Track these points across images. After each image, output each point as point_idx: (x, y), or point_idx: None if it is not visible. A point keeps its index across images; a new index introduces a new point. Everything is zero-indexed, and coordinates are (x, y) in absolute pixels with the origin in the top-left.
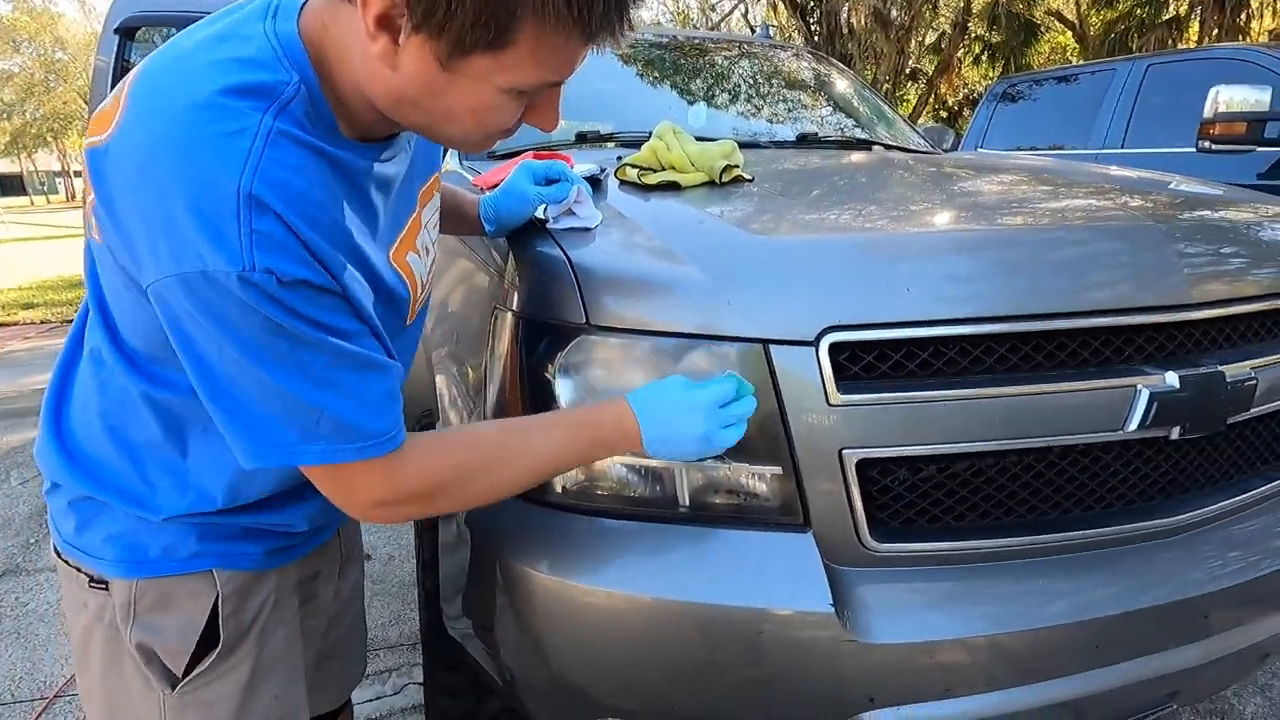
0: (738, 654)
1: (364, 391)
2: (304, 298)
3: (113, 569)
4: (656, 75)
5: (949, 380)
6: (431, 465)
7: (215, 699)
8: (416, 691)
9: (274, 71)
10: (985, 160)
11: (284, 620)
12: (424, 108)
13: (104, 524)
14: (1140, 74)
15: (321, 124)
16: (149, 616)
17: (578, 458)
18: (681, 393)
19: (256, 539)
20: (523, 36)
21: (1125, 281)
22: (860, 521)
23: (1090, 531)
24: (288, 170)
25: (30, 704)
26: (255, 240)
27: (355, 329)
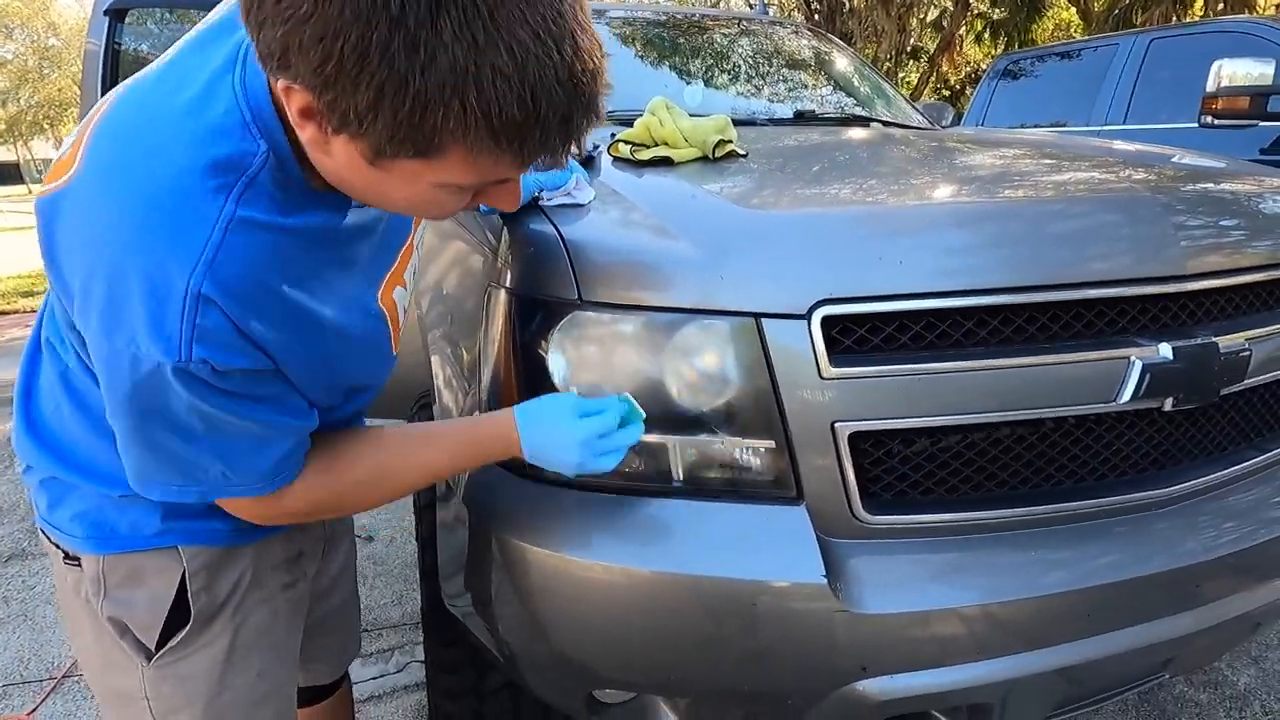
0: (733, 625)
1: (263, 449)
2: (232, 380)
3: (82, 545)
4: (653, 52)
5: (942, 353)
6: (311, 494)
7: (191, 673)
8: (419, 669)
9: (240, 141)
10: (982, 135)
11: (266, 599)
12: (362, 193)
13: (72, 502)
14: (1143, 49)
15: (292, 187)
16: (119, 591)
17: (463, 467)
18: (564, 418)
19: (222, 515)
20: (450, 152)
21: (1120, 253)
22: (853, 494)
23: (1083, 503)
24: (242, 263)
25: (39, 684)
26: (196, 334)
27: (277, 392)
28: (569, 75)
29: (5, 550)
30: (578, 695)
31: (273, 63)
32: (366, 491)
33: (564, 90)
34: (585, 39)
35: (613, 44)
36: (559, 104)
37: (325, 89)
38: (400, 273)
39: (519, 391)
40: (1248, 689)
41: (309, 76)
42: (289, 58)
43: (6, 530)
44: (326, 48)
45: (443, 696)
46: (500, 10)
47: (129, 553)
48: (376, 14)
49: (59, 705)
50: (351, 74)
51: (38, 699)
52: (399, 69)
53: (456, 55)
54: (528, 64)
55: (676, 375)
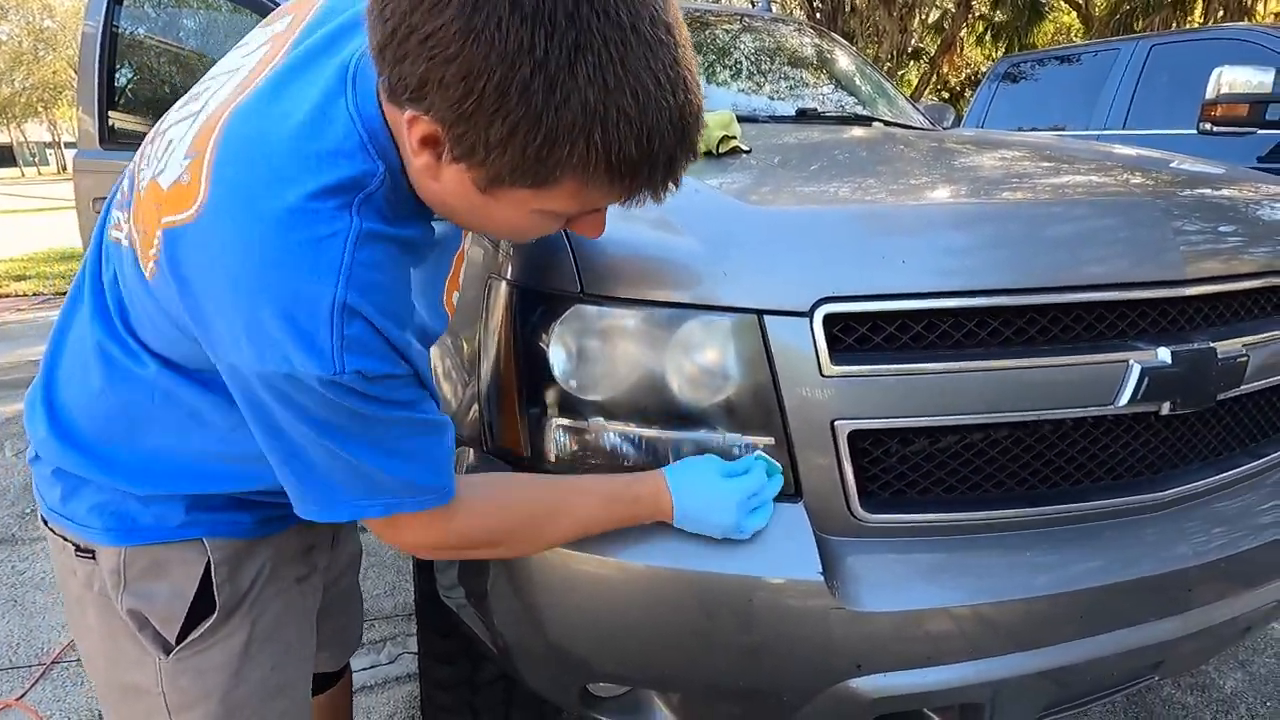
0: (728, 621)
1: (428, 454)
2: (385, 387)
3: (100, 537)
4: None
5: (943, 353)
6: (482, 521)
7: (209, 666)
8: (411, 661)
9: (360, 162)
10: (984, 137)
11: (281, 592)
12: (463, 217)
13: (89, 494)
14: (1144, 54)
15: (403, 205)
16: (140, 584)
17: (610, 525)
18: (716, 480)
19: (248, 508)
20: (564, 184)
21: (1120, 257)
22: (851, 492)
23: (1078, 505)
24: (375, 271)
25: (28, 669)
26: (346, 345)
27: (419, 397)
28: (680, 117)
29: None
30: (572, 689)
31: (406, 94)
32: (531, 530)
33: (675, 131)
34: (693, 82)
35: None
36: (669, 145)
37: (458, 123)
38: (456, 277)
39: (519, 385)
40: (1234, 692)
41: (444, 110)
42: (425, 91)
43: None
44: (469, 85)
45: (436, 688)
46: (630, 56)
47: (151, 545)
48: (522, 56)
49: (48, 690)
50: (490, 110)
51: (27, 684)
52: (535, 107)
53: (589, 97)
54: (648, 107)
55: (678, 370)
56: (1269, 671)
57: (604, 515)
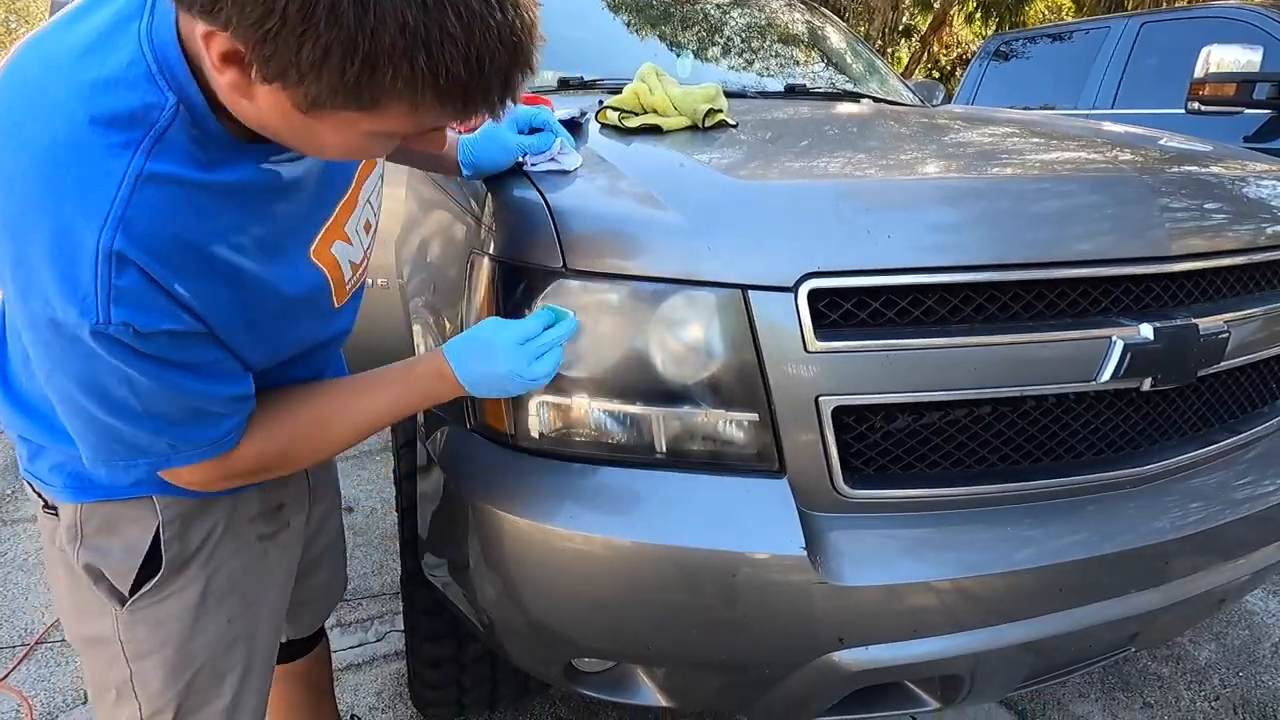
0: (713, 596)
1: (202, 417)
2: (160, 345)
3: (60, 494)
4: (643, 22)
5: (927, 329)
6: (256, 452)
7: (165, 617)
8: (398, 639)
9: (146, 92)
10: (973, 113)
11: (241, 549)
12: (287, 138)
13: (49, 454)
14: (1134, 32)
15: (211, 141)
16: (95, 539)
17: (407, 410)
18: (487, 334)
19: None
20: (392, 107)
21: (1106, 233)
22: (835, 468)
23: (1058, 480)
24: (156, 217)
25: (12, 650)
26: (114, 296)
27: (211, 358)
28: (511, 34)
29: None
30: (556, 664)
31: (195, 6)
32: (310, 444)
33: (506, 49)
34: None
35: (601, 11)
36: (501, 63)
37: (264, 43)
38: (339, 226)
39: None
40: (1208, 663)
41: (245, 29)
42: (219, 5)
43: None
44: (268, 3)
45: (423, 665)
46: None
47: (105, 501)
48: None
49: (33, 670)
50: (297, 32)
51: (10, 665)
52: (348, 29)
53: (407, 17)
54: (474, 25)
55: (661, 346)
56: (1242, 643)
57: (390, 405)
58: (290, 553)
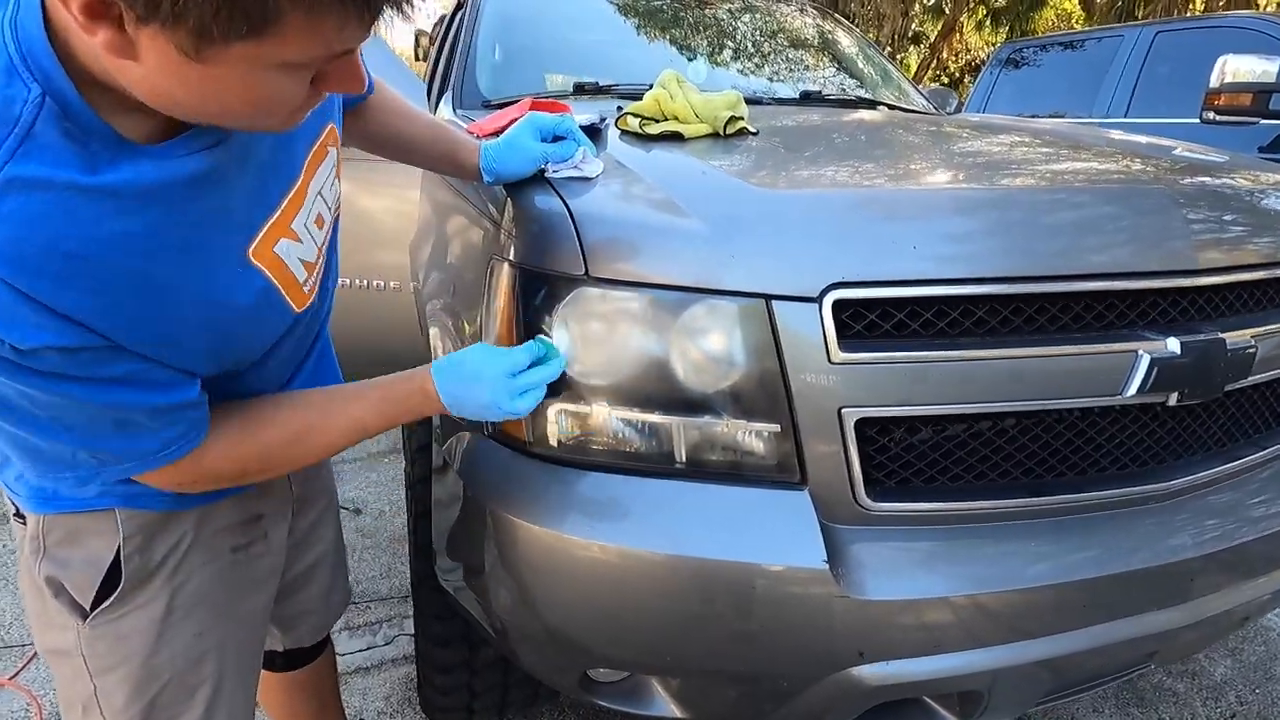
0: (731, 607)
1: (130, 428)
2: (51, 361)
3: (25, 504)
4: (657, 27)
5: (952, 341)
6: (233, 455)
7: (128, 632)
8: (407, 643)
9: (6, 86)
10: (993, 122)
11: (209, 561)
12: (187, 103)
13: (15, 464)
14: (1148, 41)
15: (92, 139)
16: (57, 551)
17: (386, 424)
18: (475, 362)
19: None
20: (286, 21)
21: (1132, 245)
22: (857, 480)
23: (1083, 495)
24: (22, 226)
25: (21, 649)
26: None
27: (132, 370)
28: None
29: None
30: (571, 673)
31: None
32: (292, 450)
33: None
34: None
35: (615, 16)
36: None
37: None
38: (285, 223)
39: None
40: (1224, 679)
41: None
42: None
43: None
44: None
45: (434, 670)
46: None
47: (68, 513)
48: None
49: (42, 670)
50: None
51: (19, 664)
52: None
53: None
54: None
55: (682, 355)
56: (1258, 659)
57: (377, 416)
58: (268, 563)
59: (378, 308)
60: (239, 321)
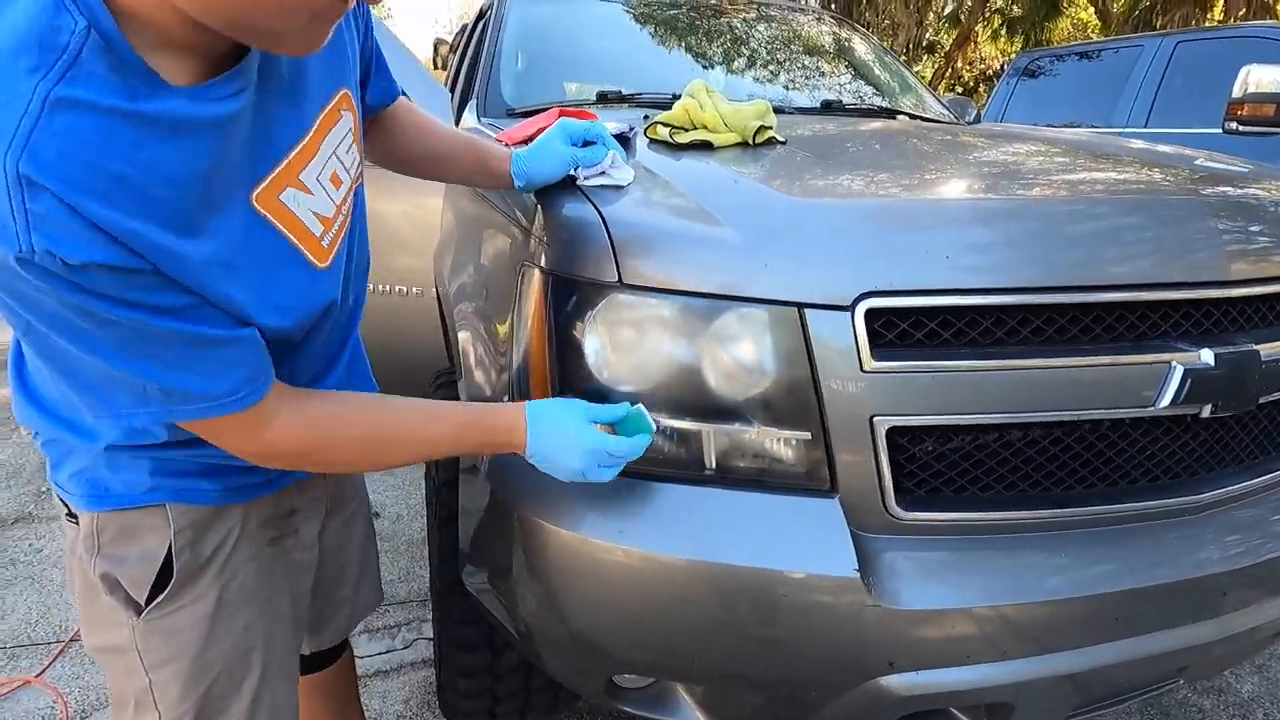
0: (761, 615)
1: (195, 361)
2: (100, 280)
3: (79, 502)
4: (679, 37)
5: (984, 350)
6: (297, 434)
7: (180, 627)
8: (426, 646)
9: (55, 17)
10: (1018, 131)
11: (254, 556)
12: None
13: (71, 462)
14: (1168, 51)
15: (129, 72)
16: (112, 548)
17: (462, 450)
18: (575, 426)
19: (213, 476)
20: None
21: (1165, 256)
22: (887, 489)
23: (1115, 507)
24: (70, 142)
25: (46, 646)
26: (31, 223)
27: (182, 303)
28: None
29: (10, 513)
30: (596, 678)
31: None
32: (358, 449)
33: None
34: None
35: (638, 26)
36: None
37: None
38: (293, 173)
39: (551, 371)
40: (1251, 696)
41: None
42: None
43: (12, 493)
44: None
45: (456, 674)
46: None
47: (121, 510)
48: None
49: (66, 668)
50: None
51: (45, 661)
52: None
53: None
54: None
55: (714, 362)
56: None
57: (453, 441)
58: (300, 558)
59: (399, 313)
60: (264, 269)
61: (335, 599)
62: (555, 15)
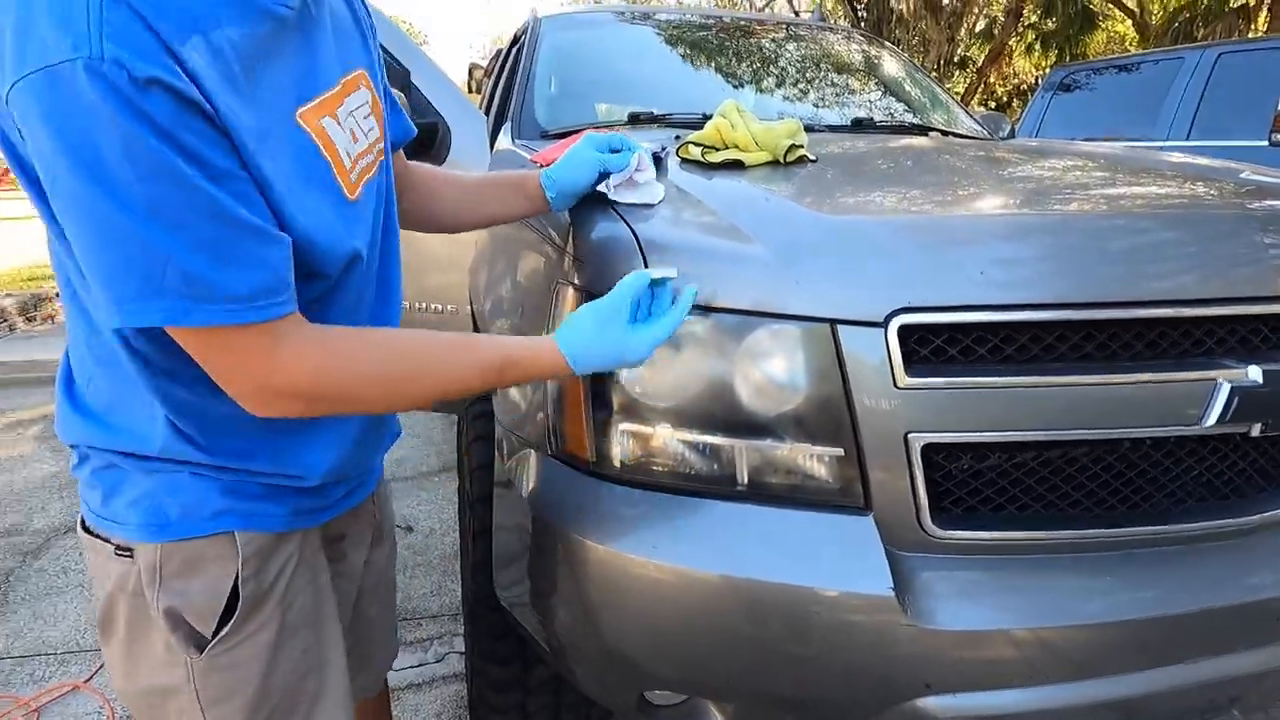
0: (794, 633)
1: (225, 245)
2: (160, 106)
3: (138, 533)
4: (710, 58)
5: (1020, 367)
6: (312, 356)
7: (243, 660)
8: (457, 660)
9: None
10: (1054, 146)
11: (312, 580)
12: None
13: (127, 489)
14: (1210, 63)
15: None
16: (176, 581)
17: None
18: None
19: (280, 499)
20: None
21: (1206, 270)
22: (923, 506)
23: (1161, 528)
24: None
25: (95, 653)
26: (105, 29)
27: (228, 169)
28: None
29: (62, 524)
30: (628, 694)
31: None
32: (382, 377)
33: None
34: None
35: (668, 47)
36: None
37: None
38: (333, 105)
39: (584, 387)
40: None
41: None
42: None
43: (64, 504)
44: None
45: (488, 688)
46: None
47: (186, 540)
48: None
49: None
50: None
51: (94, 667)
52: None
53: None
54: None
55: (746, 378)
56: None
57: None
58: (345, 586)
59: (435, 330)
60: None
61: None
62: (587, 39)
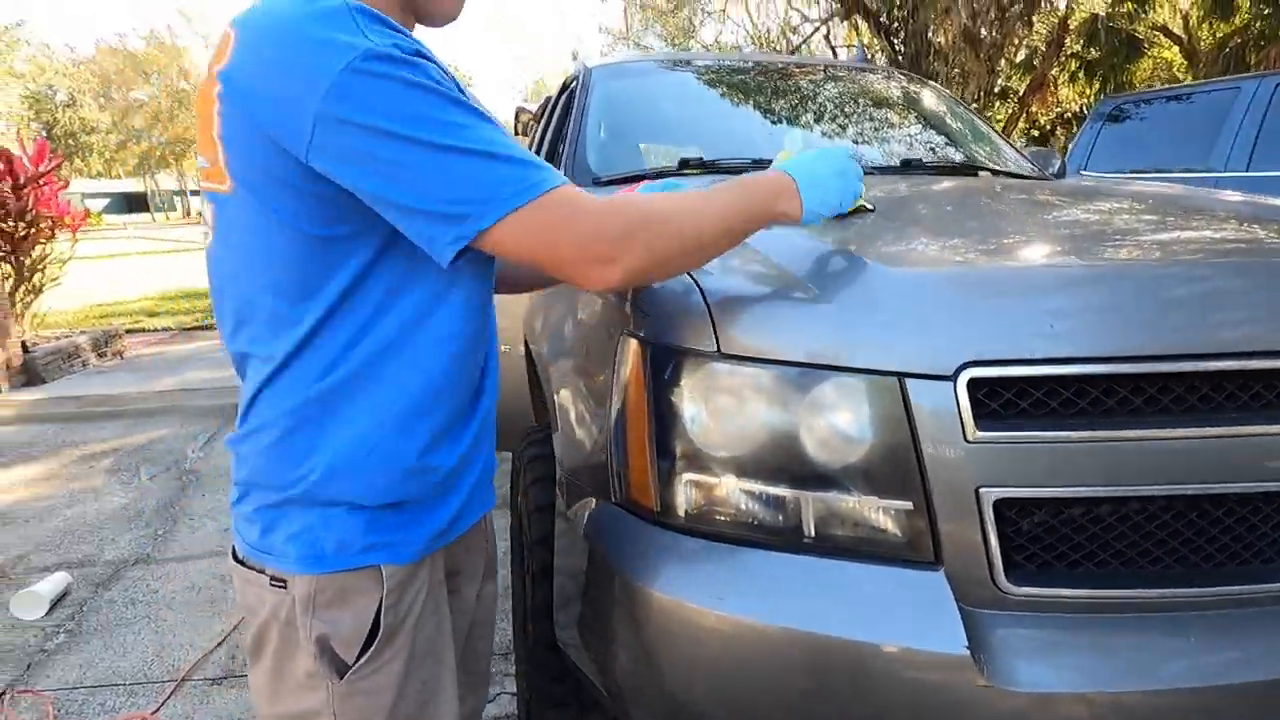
0: (858, 690)
1: (514, 147)
2: (428, 69)
3: (295, 566)
4: (758, 104)
5: (1094, 420)
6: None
7: (378, 686)
8: (509, 701)
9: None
10: (1112, 188)
11: (435, 610)
12: None
13: (285, 525)
14: (1269, 92)
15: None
16: (328, 611)
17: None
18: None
19: (415, 527)
20: None
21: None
22: (996, 562)
23: (1245, 587)
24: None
25: (161, 685)
26: (370, 30)
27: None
28: None
29: (130, 555)
30: None
31: None
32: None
33: None
34: None
35: (719, 95)
36: None
37: None
38: None
39: (649, 436)
40: None
41: None
42: None
43: (133, 535)
44: None
45: None
46: None
47: (340, 572)
48: None
49: (179, 706)
50: None
51: (160, 699)
52: None
53: None
54: None
55: (812, 430)
56: None
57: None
58: (459, 621)
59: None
60: None
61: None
62: (637, 88)
